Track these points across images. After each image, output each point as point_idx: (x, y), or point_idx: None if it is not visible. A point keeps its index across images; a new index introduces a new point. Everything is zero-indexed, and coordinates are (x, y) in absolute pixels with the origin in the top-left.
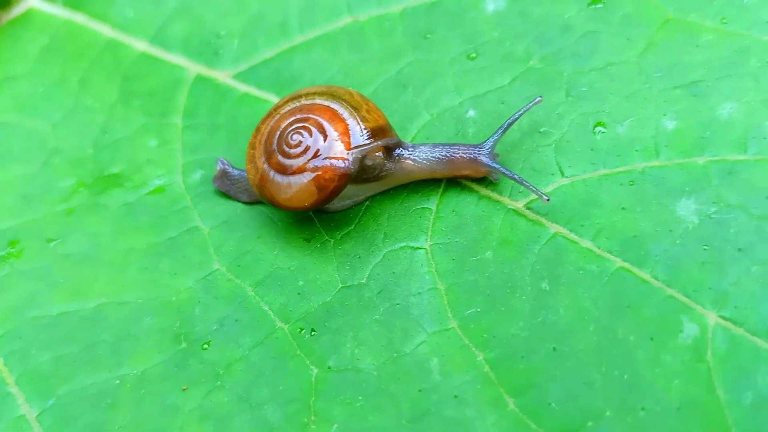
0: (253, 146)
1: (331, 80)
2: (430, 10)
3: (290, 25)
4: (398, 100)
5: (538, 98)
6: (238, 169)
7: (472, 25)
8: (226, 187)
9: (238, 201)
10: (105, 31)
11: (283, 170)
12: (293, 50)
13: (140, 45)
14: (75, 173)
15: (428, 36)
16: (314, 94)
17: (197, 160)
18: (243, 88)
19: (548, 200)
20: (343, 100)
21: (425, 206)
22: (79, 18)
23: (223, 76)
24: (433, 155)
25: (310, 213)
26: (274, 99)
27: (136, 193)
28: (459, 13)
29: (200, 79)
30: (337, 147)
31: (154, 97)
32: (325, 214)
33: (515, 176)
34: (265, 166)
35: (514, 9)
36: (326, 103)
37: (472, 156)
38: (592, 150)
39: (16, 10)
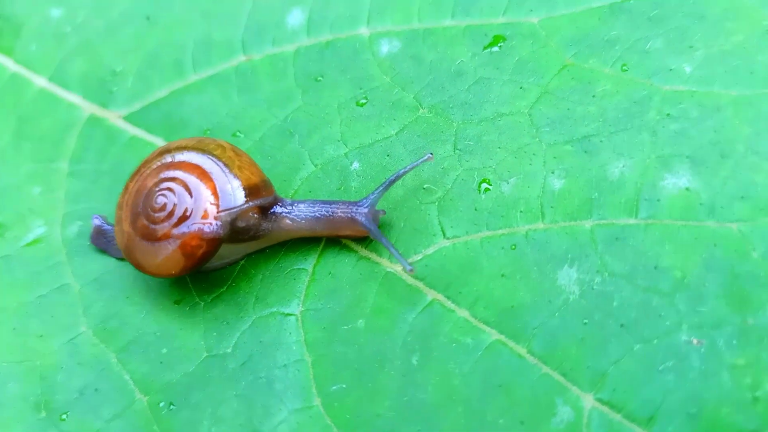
0: (120, 206)
1: (219, 124)
2: (324, 50)
3: (185, 63)
4: (284, 148)
5: (428, 155)
6: (112, 225)
7: (364, 69)
8: (102, 244)
9: (113, 257)
10: (8, 64)
11: (149, 236)
12: (186, 90)
13: (40, 81)
14: None
15: (319, 79)
16: (184, 147)
17: (77, 210)
18: (132, 130)
19: (412, 271)
20: (213, 155)
21: (301, 267)
22: None
23: (114, 116)
24: (312, 213)
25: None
26: (162, 143)
27: (14, 245)
28: (352, 55)
29: (92, 120)
30: (204, 210)
31: (44, 140)
32: (199, 273)
33: (385, 241)
34: (131, 229)
35: (408, 52)
36: (195, 159)
37: (350, 215)
38: (475, 210)
39: None
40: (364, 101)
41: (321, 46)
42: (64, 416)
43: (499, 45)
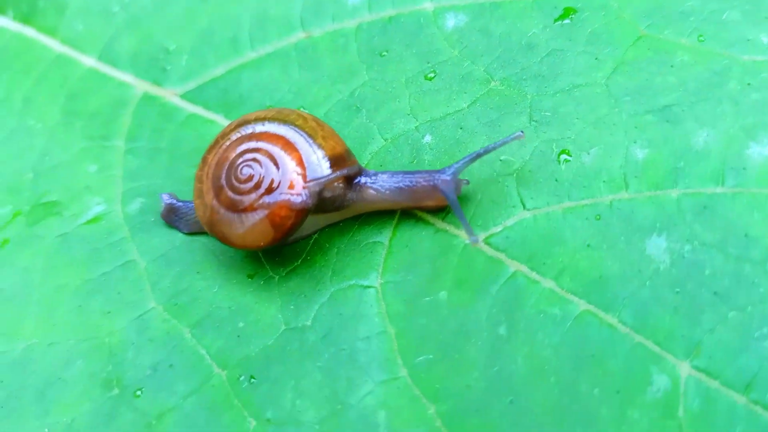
0: (200, 179)
1: (280, 101)
2: (387, 26)
3: (241, 40)
4: (351, 123)
5: (520, 133)
6: (184, 201)
7: (431, 43)
8: (173, 221)
9: (180, 231)
10: (54, 45)
11: (234, 207)
12: (243, 67)
13: (88, 61)
14: (10, 200)
15: (384, 54)
16: (264, 118)
17: (137, 187)
18: (190, 108)
19: (478, 243)
20: (295, 125)
21: (377, 240)
22: (29, 32)
23: (169, 94)
24: (396, 184)
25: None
26: (222, 121)
27: (72, 223)
28: (416, 29)
29: (146, 98)
30: (291, 181)
31: (97, 117)
32: (272, 247)
33: (458, 212)
34: (215, 202)
35: (475, 25)
36: (277, 130)
37: (433, 183)
38: (556, 181)
39: None
40: (432, 75)
41: (384, 21)
42: (138, 392)
43: (570, 17)
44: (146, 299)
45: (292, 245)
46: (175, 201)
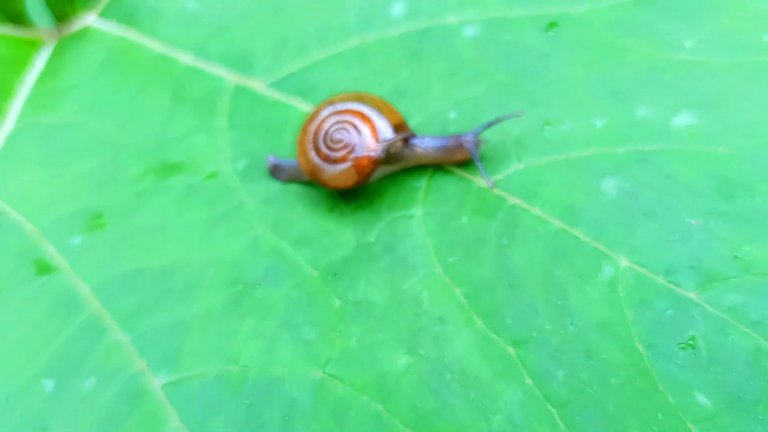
0: (302, 143)
1: (344, 90)
2: (422, 35)
3: (309, 46)
4: (397, 105)
5: (520, 112)
6: (286, 160)
7: (454, 48)
8: (277, 174)
9: (278, 181)
10: (155, 46)
11: (329, 160)
12: (313, 66)
13: (186, 58)
14: (142, 163)
15: (420, 55)
16: (347, 99)
17: (241, 151)
18: (274, 95)
19: (492, 187)
20: (368, 104)
21: (418, 185)
22: (132, 35)
23: (258, 85)
24: (435, 143)
25: (333, 192)
26: (300, 104)
27: (195, 178)
28: (444, 38)
29: (239, 89)
30: (369, 142)
31: (201, 102)
32: (347, 191)
33: (480, 166)
34: (315, 157)
35: (487, 35)
36: (357, 107)
37: (460, 142)
38: (542, 142)
39: (74, 26)
40: (456, 71)
41: (419, 31)
42: (256, 287)
43: (554, 29)
44: (256, 227)
45: (358, 189)
46: (277, 160)
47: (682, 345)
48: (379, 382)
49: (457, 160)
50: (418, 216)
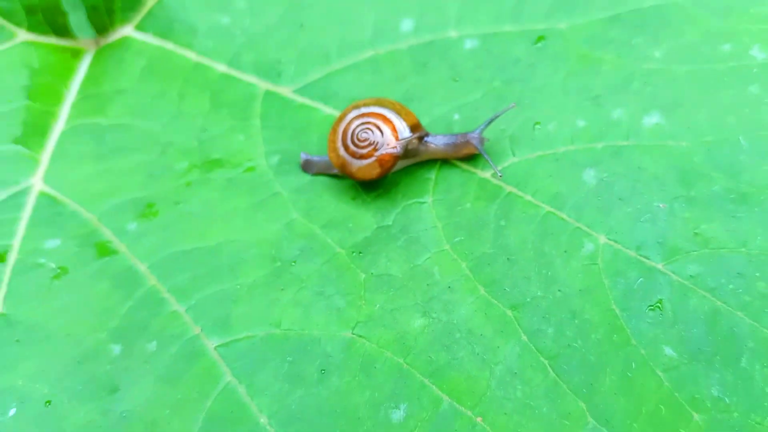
0: (332, 141)
1: (360, 96)
2: (427, 47)
3: (329, 57)
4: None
5: (513, 104)
6: (317, 156)
7: (455, 58)
8: (308, 168)
9: (308, 174)
10: (191, 56)
11: (356, 155)
12: (334, 73)
13: (220, 67)
14: (186, 159)
15: (426, 65)
16: (370, 104)
17: (274, 149)
18: (300, 99)
19: (501, 176)
20: (388, 107)
21: (428, 177)
22: (169, 45)
23: (286, 91)
24: (445, 140)
25: (355, 183)
26: (322, 107)
27: (234, 171)
28: (446, 50)
29: (269, 94)
30: (390, 140)
31: (236, 105)
32: (368, 182)
33: (488, 158)
34: (345, 154)
35: (483, 47)
36: (379, 110)
37: (467, 139)
38: (532, 140)
39: (113, 36)
40: (457, 79)
41: (425, 43)
42: (293, 263)
43: (541, 43)
44: (290, 212)
45: (378, 180)
46: (309, 156)
47: (651, 307)
48: (399, 341)
49: (464, 154)
50: (429, 203)
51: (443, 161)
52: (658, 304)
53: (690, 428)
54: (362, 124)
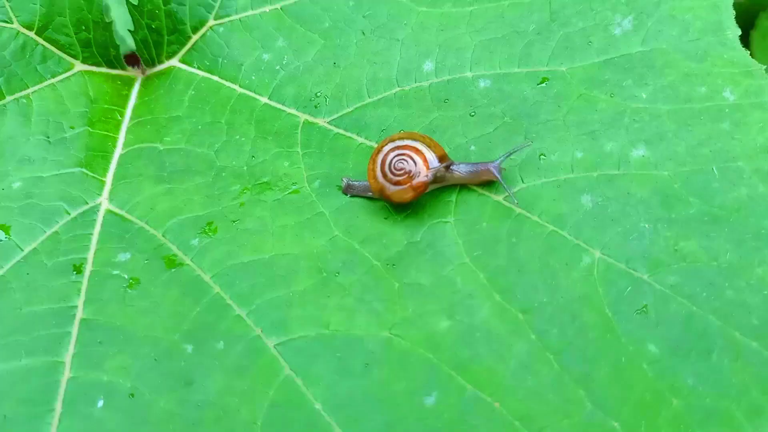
0: (372, 170)
1: (389, 127)
2: (447, 85)
3: (362, 91)
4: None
5: (530, 142)
6: (357, 180)
7: (471, 95)
8: (349, 191)
9: (346, 195)
10: (236, 88)
11: (393, 182)
12: (365, 107)
13: (263, 99)
14: (239, 182)
15: (446, 101)
16: (404, 137)
17: (315, 174)
18: (335, 130)
19: (516, 202)
20: (419, 140)
21: (449, 199)
22: (215, 78)
23: (322, 122)
24: (467, 168)
25: (387, 204)
26: (356, 137)
27: (282, 193)
28: (463, 88)
29: (307, 124)
30: (422, 169)
31: (280, 134)
32: (400, 204)
33: (505, 186)
34: (383, 180)
35: (495, 86)
36: (412, 143)
37: (488, 168)
38: (538, 168)
39: (160, 67)
40: (473, 114)
41: (444, 82)
42: (337, 274)
43: (545, 83)
44: (332, 230)
45: (408, 203)
46: (350, 180)
47: (638, 311)
48: (429, 339)
49: (482, 181)
50: (451, 222)
51: (462, 186)
52: (644, 309)
53: (670, 411)
54: (398, 155)
